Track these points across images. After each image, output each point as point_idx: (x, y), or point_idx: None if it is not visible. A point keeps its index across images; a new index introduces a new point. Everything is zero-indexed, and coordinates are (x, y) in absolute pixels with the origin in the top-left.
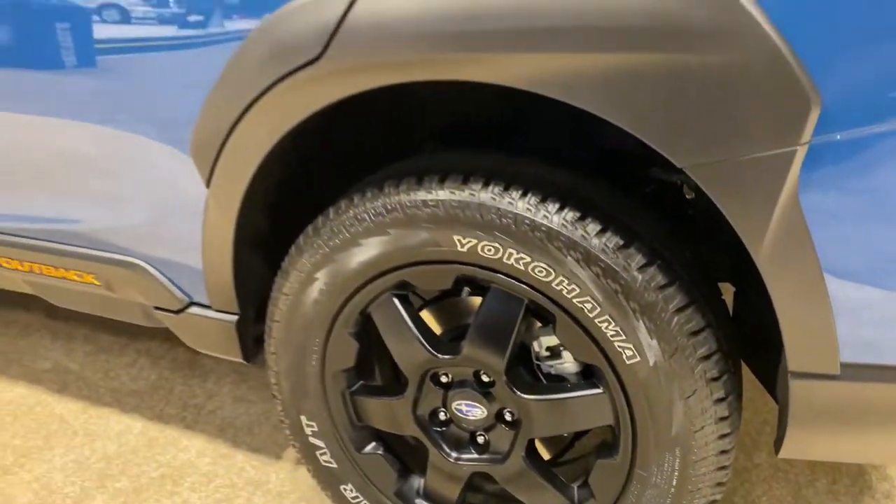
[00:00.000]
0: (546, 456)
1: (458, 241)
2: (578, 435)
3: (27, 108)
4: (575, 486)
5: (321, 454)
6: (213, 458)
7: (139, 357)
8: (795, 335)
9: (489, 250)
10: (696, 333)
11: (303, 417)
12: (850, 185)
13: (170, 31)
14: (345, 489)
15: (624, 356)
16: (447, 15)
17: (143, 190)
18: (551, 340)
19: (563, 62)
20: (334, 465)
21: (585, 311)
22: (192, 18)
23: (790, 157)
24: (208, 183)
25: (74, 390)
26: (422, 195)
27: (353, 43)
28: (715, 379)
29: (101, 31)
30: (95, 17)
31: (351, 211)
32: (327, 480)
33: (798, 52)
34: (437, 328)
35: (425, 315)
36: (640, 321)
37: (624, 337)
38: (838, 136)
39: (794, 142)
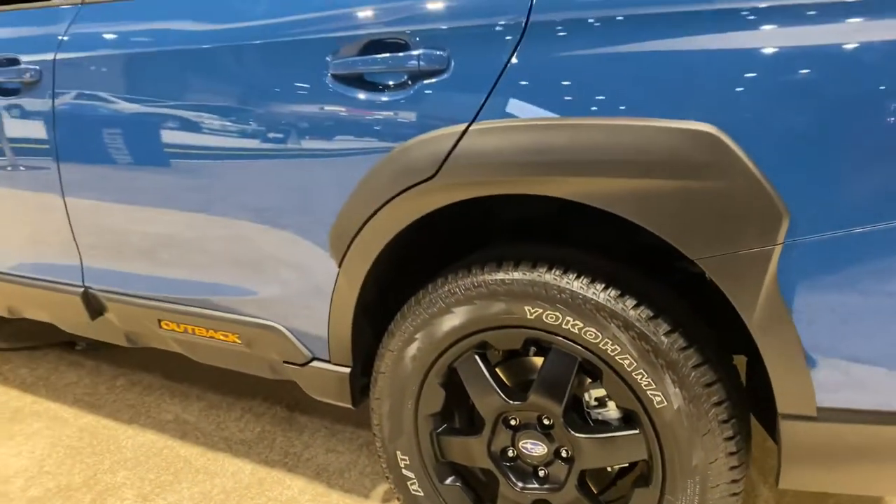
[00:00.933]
0: (594, 489)
1: (528, 310)
2: (621, 473)
3: (209, 209)
4: None
5: (411, 484)
6: (313, 496)
7: (244, 413)
8: (781, 384)
9: (551, 318)
10: (709, 385)
11: (398, 453)
12: (815, 271)
13: (311, 153)
14: None
15: (655, 402)
16: (521, 150)
17: (286, 271)
18: (599, 392)
19: (606, 184)
20: (421, 494)
21: (625, 365)
22: (331, 147)
23: (770, 253)
24: (340, 264)
25: (193, 437)
26: (500, 275)
27: (458, 167)
28: (725, 421)
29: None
30: (262, 151)
31: (446, 286)
32: None
33: (771, 180)
34: (508, 380)
35: (500, 370)
36: (667, 374)
37: (655, 387)
38: (806, 239)
39: (772, 242)
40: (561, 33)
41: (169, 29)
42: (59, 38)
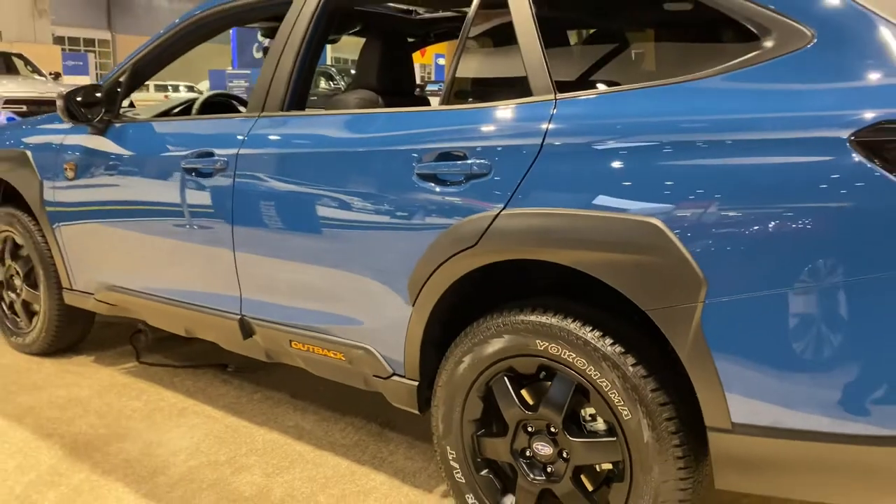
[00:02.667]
0: (589, 486)
1: (538, 343)
2: (608, 480)
3: (334, 265)
4: (599, 500)
5: (456, 473)
6: (390, 487)
7: (347, 425)
8: (705, 403)
9: (554, 350)
10: (663, 405)
11: (448, 448)
12: (727, 322)
13: (401, 226)
14: (468, 498)
15: (623, 415)
16: (533, 230)
17: (379, 308)
18: (591, 409)
19: (587, 255)
20: (463, 481)
21: (603, 387)
22: (413, 222)
23: (695, 308)
24: (413, 304)
25: (307, 439)
26: (521, 317)
27: (492, 239)
28: (674, 433)
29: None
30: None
31: (486, 324)
32: (457, 491)
33: (694, 258)
34: (531, 398)
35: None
36: (633, 394)
37: (623, 404)
38: (719, 299)
39: (696, 301)
40: (562, 153)
41: (315, 135)
42: (241, 138)
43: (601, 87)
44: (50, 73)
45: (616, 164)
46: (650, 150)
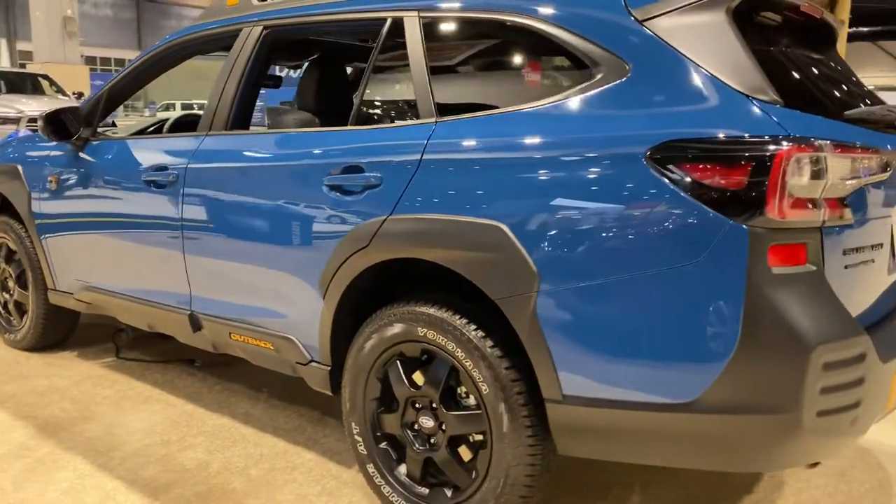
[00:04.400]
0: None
1: (419, 330)
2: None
3: (262, 264)
4: (467, 463)
5: (359, 446)
6: (316, 463)
7: (292, 413)
8: (541, 378)
9: (432, 336)
10: (514, 381)
11: (353, 423)
12: (557, 308)
13: (315, 233)
14: (369, 467)
15: (482, 390)
16: (410, 232)
17: (299, 302)
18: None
19: (450, 253)
20: (365, 453)
21: (468, 366)
22: (325, 228)
23: (531, 297)
24: (324, 298)
25: (252, 423)
26: (408, 308)
27: (380, 241)
28: (523, 405)
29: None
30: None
31: (382, 314)
32: (361, 462)
33: (530, 255)
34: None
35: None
36: (490, 371)
37: (483, 380)
38: (550, 288)
39: (532, 290)
40: (434, 168)
41: (247, 152)
42: (190, 154)
43: (468, 112)
44: (74, 93)
45: (471, 177)
46: (497, 165)
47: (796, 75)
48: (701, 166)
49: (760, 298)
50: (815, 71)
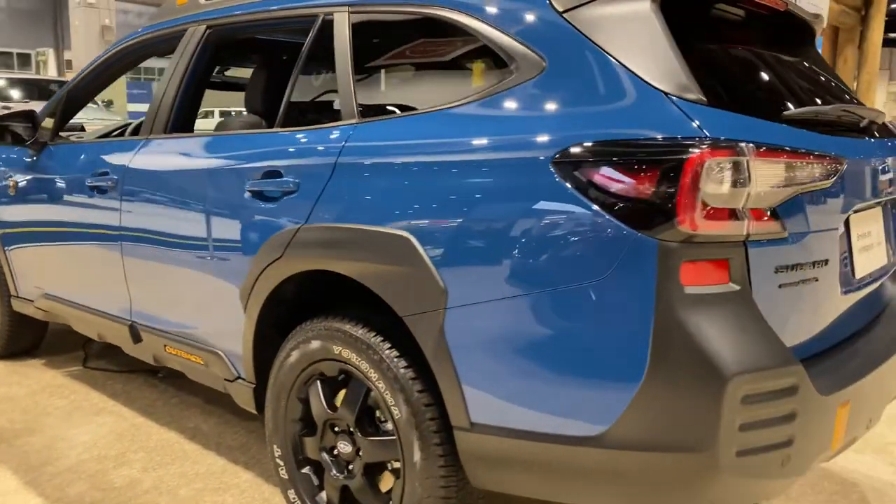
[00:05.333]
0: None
1: (334, 347)
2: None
3: (191, 280)
4: (384, 494)
5: (281, 470)
6: (251, 485)
7: (241, 429)
8: (449, 403)
9: (346, 354)
10: (427, 405)
11: (275, 446)
12: (465, 328)
13: (234, 241)
14: (290, 493)
15: (395, 415)
16: (321, 242)
17: (225, 316)
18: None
19: (358, 266)
20: (286, 478)
21: (381, 389)
22: (245, 237)
23: (439, 314)
24: (245, 311)
25: (198, 440)
26: (325, 323)
27: (293, 252)
28: (435, 432)
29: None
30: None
31: (301, 330)
32: (283, 487)
33: (437, 269)
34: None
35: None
36: (402, 395)
37: (395, 404)
38: (457, 306)
39: (439, 307)
40: (346, 173)
41: (180, 156)
42: (129, 158)
43: (391, 113)
44: (102, 101)
45: (381, 183)
46: (404, 171)
47: (743, 74)
48: (606, 172)
49: (671, 321)
50: (775, 70)
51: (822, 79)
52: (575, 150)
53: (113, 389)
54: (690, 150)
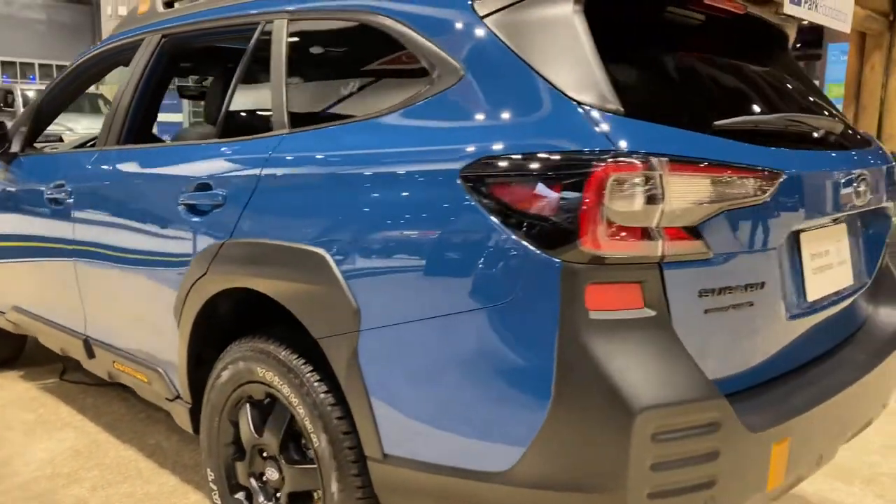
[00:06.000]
0: None
1: (258, 369)
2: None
3: (127, 287)
4: None
5: (214, 494)
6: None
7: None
8: (362, 432)
9: (269, 377)
10: (346, 433)
11: (209, 469)
12: (377, 353)
13: (169, 255)
14: None
15: (314, 442)
16: (240, 260)
17: (165, 334)
18: None
19: (275, 284)
20: (219, 503)
21: (302, 415)
22: (178, 249)
23: (352, 337)
24: (179, 327)
25: (155, 457)
26: (251, 344)
27: (217, 268)
28: (354, 461)
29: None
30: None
31: (230, 351)
32: None
33: (350, 288)
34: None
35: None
36: (320, 422)
37: (314, 431)
38: (370, 328)
39: (353, 330)
40: (269, 187)
41: (124, 168)
42: (82, 170)
43: (318, 123)
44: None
45: (297, 196)
46: (321, 184)
47: (680, 83)
48: (508, 188)
49: (575, 350)
50: (726, 79)
51: (790, 87)
52: (480, 163)
53: (83, 403)
54: (594, 164)
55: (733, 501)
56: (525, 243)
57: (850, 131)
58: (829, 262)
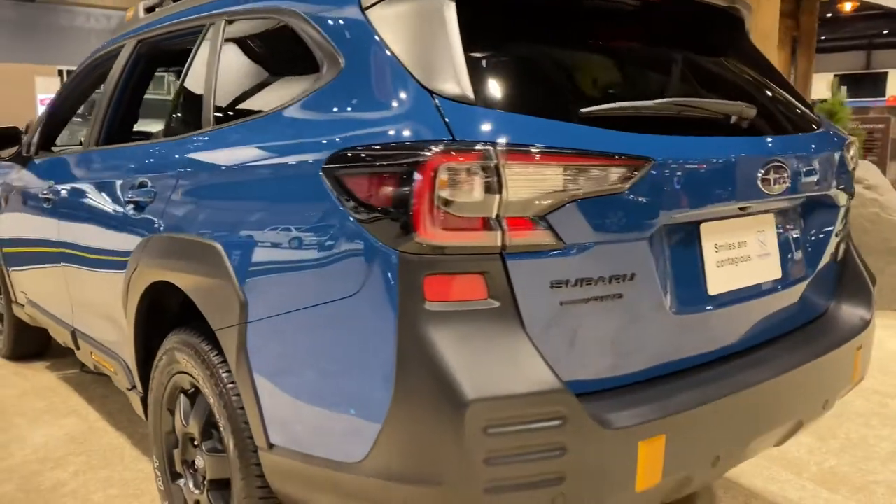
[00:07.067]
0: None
1: (182, 358)
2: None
3: (92, 281)
4: None
5: (158, 481)
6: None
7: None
8: (252, 422)
9: (189, 366)
10: (246, 423)
11: (154, 457)
12: (261, 343)
13: (118, 246)
14: None
15: (222, 429)
16: (158, 254)
17: (116, 322)
18: None
19: (183, 277)
20: (163, 489)
21: (212, 404)
22: (125, 245)
23: (240, 329)
24: (126, 318)
25: (142, 446)
26: (179, 336)
27: (143, 262)
28: (254, 451)
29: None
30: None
31: (169, 338)
32: (161, 498)
33: (238, 279)
34: None
35: None
36: (226, 411)
37: (222, 420)
38: (255, 320)
39: (241, 321)
40: (186, 182)
41: (92, 170)
42: (67, 169)
43: (231, 120)
44: None
45: (203, 191)
46: (220, 180)
47: (563, 71)
48: (356, 179)
49: (413, 342)
50: (626, 66)
51: (727, 74)
52: (337, 156)
53: (95, 393)
54: (426, 153)
55: (591, 500)
56: (369, 235)
57: (793, 116)
58: (745, 254)
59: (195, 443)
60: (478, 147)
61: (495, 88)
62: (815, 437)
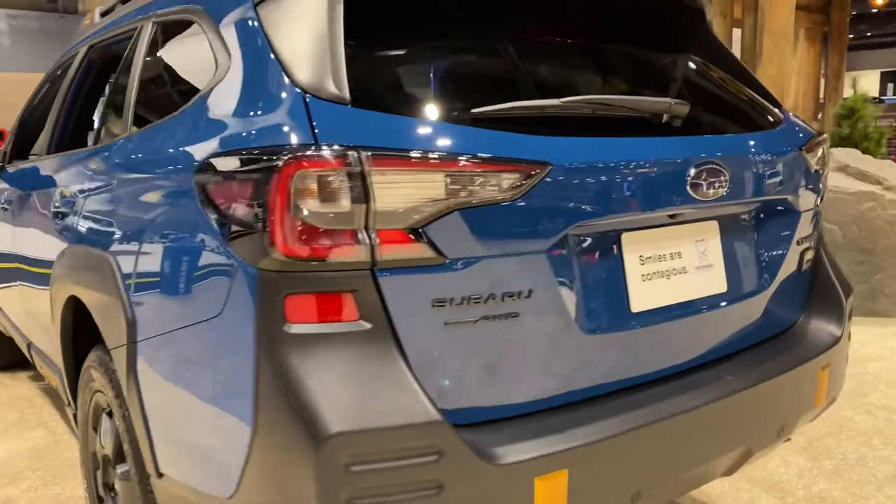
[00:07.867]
0: None
1: (95, 375)
2: None
3: (32, 290)
4: None
5: (86, 501)
6: None
7: None
8: (143, 448)
9: (100, 384)
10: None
11: (83, 476)
12: (142, 365)
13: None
14: None
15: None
16: (66, 267)
17: (49, 335)
18: None
19: (83, 293)
20: None
21: (119, 427)
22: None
23: (130, 348)
24: (54, 328)
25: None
26: (94, 354)
27: (58, 276)
28: (148, 487)
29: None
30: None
31: (90, 356)
32: None
33: (127, 295)
34: None
35: None
36: (127, 434)
37: (125, 443)
38: (141, 340)
39: (129, 341)
40: (94, 191)
41: (34, 179)
42: (23, 178)
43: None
44: None
45: (102, 202)
46: (111, 191)
47: (458, 70)
48: (217, 188)
49: (273, 369)
50: (539, 63)
51: (683, 70)
52: (204, 165)
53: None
54: (280, 159)
55: None
56: (230, 250)
57: (750, 114)
58: (678, 267)
59: (112, 465)
60: (340, 151)
61: (378, 88)
62: (808, 456)
